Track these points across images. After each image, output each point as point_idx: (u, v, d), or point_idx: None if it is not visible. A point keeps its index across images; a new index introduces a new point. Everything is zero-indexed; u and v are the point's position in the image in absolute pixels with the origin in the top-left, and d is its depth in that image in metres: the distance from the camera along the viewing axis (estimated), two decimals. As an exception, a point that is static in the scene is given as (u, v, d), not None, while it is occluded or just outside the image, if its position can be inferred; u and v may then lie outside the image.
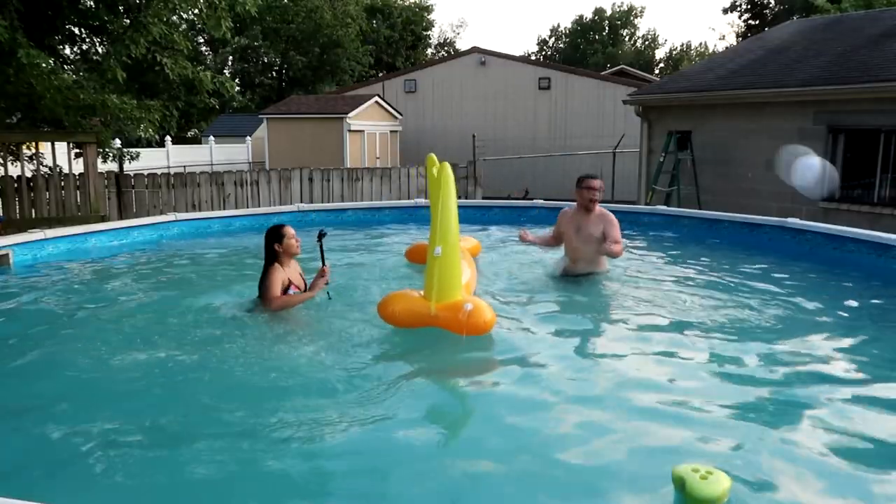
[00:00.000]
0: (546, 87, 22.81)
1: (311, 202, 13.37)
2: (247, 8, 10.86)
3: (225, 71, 38.79)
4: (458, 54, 28.85)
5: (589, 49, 57.43)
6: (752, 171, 12.06)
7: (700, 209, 11.29)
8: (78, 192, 10.46)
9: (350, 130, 21.30)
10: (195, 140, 33.99)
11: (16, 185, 10.02)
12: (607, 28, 59.34)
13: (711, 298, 5.39)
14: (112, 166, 14.73)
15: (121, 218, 11.57)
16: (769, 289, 5.64)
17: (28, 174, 10.25)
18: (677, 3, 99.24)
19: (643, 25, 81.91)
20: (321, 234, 4.78)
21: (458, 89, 23.86)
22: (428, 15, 46.23)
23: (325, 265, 4.83)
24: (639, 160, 14.53)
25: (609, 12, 59.08)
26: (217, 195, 13.16)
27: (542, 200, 10.22)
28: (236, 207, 12.89)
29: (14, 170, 10.31)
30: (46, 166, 10.52)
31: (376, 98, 22.62)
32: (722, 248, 7.59)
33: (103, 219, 10.08)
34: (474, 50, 24.30)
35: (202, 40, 35.42)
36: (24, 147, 10.91)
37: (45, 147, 10.87)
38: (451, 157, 17.47)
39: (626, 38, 60.28)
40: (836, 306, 5.11)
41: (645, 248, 7.84)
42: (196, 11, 11.28)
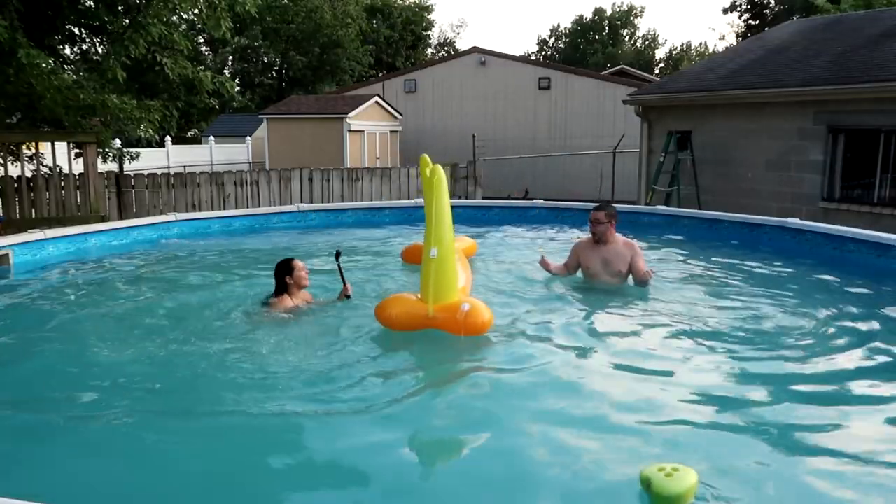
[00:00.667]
0: (546, 87, 22.81)
1: (311, 202, 13.37)
2: (247, 8, 10.86)
3: (225, 71, 38.79)
4: (458, 54, 28.85)
5: (589, 49, 57.40)
6: (752, 171, 12.06)
7: (700, 209, 11.29)
8: (78, 192, 10.46)
9: (350, 130, 21.29)
10: (195, 140, 33.98)
11: (16, 185, 10.02)
12: (607, 28, 59.31)
13: (710, 298, 5.40)
14: (112, 166, 14.73)
15: (121, 218, 11.57)
16: (768, 289, 5.65)
17: (28, 174, 10.25)
18: (677, 3, 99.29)
19: (643, 25, 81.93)
20: (338, 254, 4.92)
21: (458, 89, 23.86)
22: (428, 15, 46.22)
23: (347, 284, 4.97)
24: (639, 160, 14.52)
25: (609, 12, 59.06)
26: (217, 195, 13.16)
27: (542, 200, 10.22)
28: (236, 207, 12.89)
29: (14, 170, 10.31)
30: (46, 166, 10.53)
31: (376, 98, 22.62)
32: (721, 248, 7.59)
33: (103, 219, 10.08)
34: (474, 50, 24.29)
35: (202, 40, 35.40)
36: (24, 147, 10.91)
37: (45, 147, 10.87)
38: (451, 157, 17.65)
39: (626, 38, 60.25)
40: (835, 306, 5.11)
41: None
42: (196, 11, 11.28)
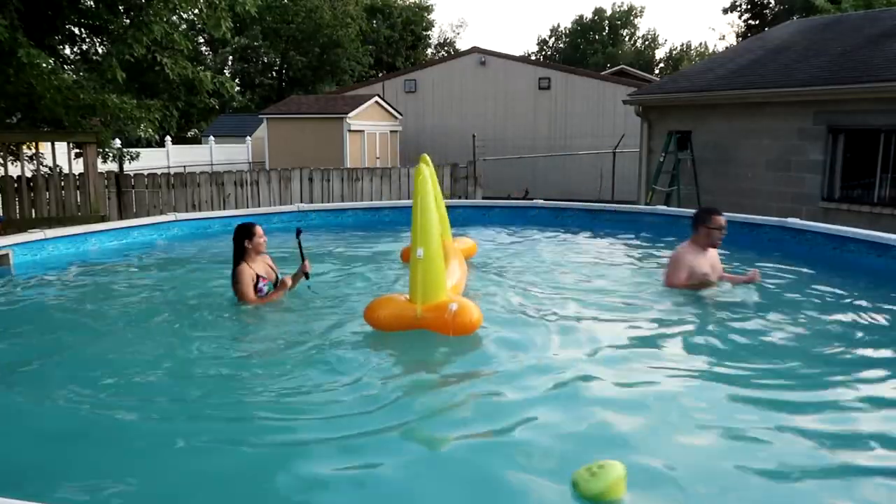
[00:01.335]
0: (546, 87, 22.81)
1: (311, 202, 13.37)
2: (247, 8, 10.86)
3: (225, 71, 38.79)
4: (458, 54, 28.84)
5: (589, 49, 57.41)
6: (752, 171, 12.06)
7: (700, 209, 11.27)
8: (78, 192, 10.46)
9: (350, 130, 21.29)
10: (195, 140, 33.98)
11: (16, 185, 10.02)
12: (607, 28, 59.32)
13: (708, 297, 5.39)
14: (112, 166, 14.74)
15: (121, 218, 11.57)
16: (768, 288, 5.64)
17: (28, 174, 10.25)
18: (677, 3, 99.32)
19: (643, 25, 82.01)
20: (298, 232, 5.16)
21: (458, 89, 23.86)
22: (428, 15, 46.23)
23: (305, 259, 5.15)
24: (639, 160, 14.52)
25: (609, 12, 59.08)
26: (217, 195, 13.16)
27: (542, 200, 10.22)
28: (236, 207, 12.89)
29: (14, 170, 10.31)
30: (46, 166, 10.52)
31: (376, 98, 22.62)
32: (721, 247, 7.58)
33: (103, 219, 10.08)
34: (474, 50, 24.30)
35: (202, 40, 35.40)
36: (24, 147, 10.90)
37: (45, 147, 10.87)
38: (451, 157, 17.67)
39: (626, 38, 60.26)
40: (835, 307, 5.11)
41: (644, 248, 7.85)
42: (196, 11, 11.28)
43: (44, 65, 9.08)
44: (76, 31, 11.70)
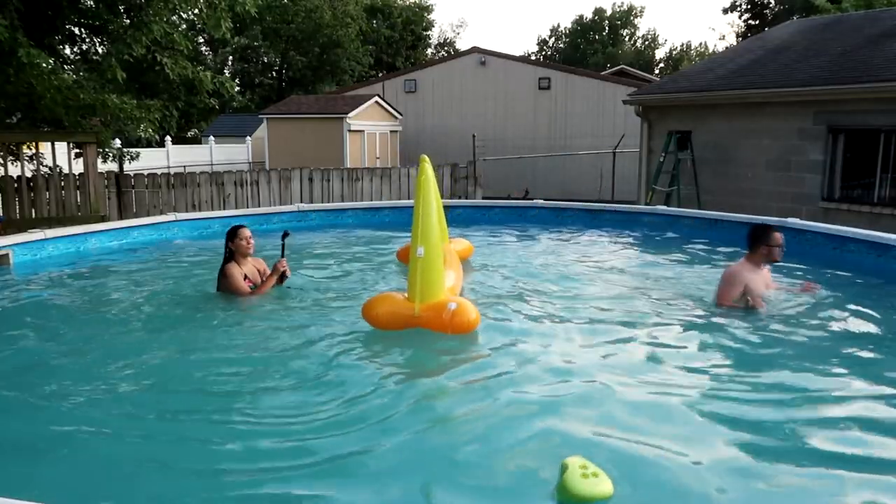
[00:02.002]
0: (546, 87, 22.81)
1: (311, 202, 13.37)
2: (247, 8, 10.86)
3: (225, 71, 38.80)
4: (458, 54, 28.84)
5: (589, 49, 57.42)
6: (752, 171, 12.06)
7: (700, 209, 11.29)
8: (78, 192, 10.46)
9: (350, 130, 21.30)
10: (195, 140, 33.98)
11: (16, 185, 10.02)
12: (607, 28, 59.33)
13: (704, 295, 5.39)
14: (112, 166, 14.73)
15: (121, 218, 11.57)
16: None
17: (28, 174, 10.25)
18: (677, 3, 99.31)
19: (643, 25, 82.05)
20: (285, 234, 5.33)
21: (458, 89, 23.87)
22: (428, 15, 46.22)
23: (283, 258, 5.29)
24: (639, 160, 14.53)
25: (609, 12, 59.09)
26: (217, 195, 13.16)
27: (542, 200, 10.22)
28: (236, 207, 12.89)
29: (14, 170, 10.31)
30: (46, 166, 10.52)
31: (376, 98, 22.62)
32: (721, 248, 7.58)
33: (103, 219, 10.08)
34: (474, 50, 24.30)
35: (202, 40, 35.41)
36: (24, 147, 10.90)
37: (45, 147, 10.87)
38: (451, 157, 17.66)
39: (626, 38, 60.27)
40: (835, 307, 5.11)
41: (644, 248, 7.85)
42: (196, 11, 11.28)
43: (44, 65, 9.08)
44: (76, 31, 11.69)
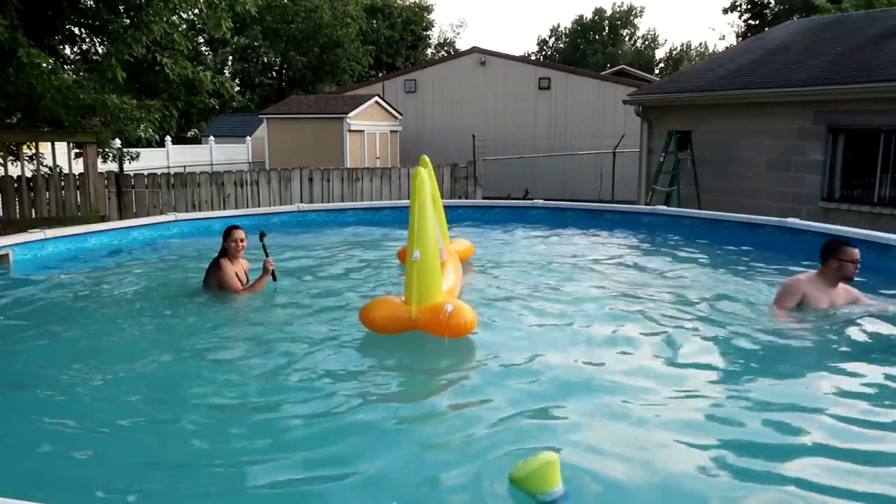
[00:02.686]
0: (546, 87, 22.80)
1: (311, 202, 13.37)
2: (247, 8, 10.87)
3: (225, 71, 38.78)
4: (458, 54, 28.83)
5: (589, 49, 57.40)
6: (752, 171, 12.06)
7: (700, 209, 11.29)
8: (78, 192, 10.45)
9: (350, 130, 21.29)
10: (195, 140, 33.98)
11: (16, 185, 10.02)
12: (607, 28, 59.31)
13: (704, 296, 5.39)
14: (112, 166, 14.72)
15: (121, 218, 11.57)
16: (766, 288, 5.64)
17: (28, 174, 10.25)
18: (677, 3, 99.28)
19: (643, 25, 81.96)
20: (262, 235, 5.42)
21: (458, 89, 23.86)
22: (428, 15, 46.21)
23: (268, 257, 5.37)
24: (639, 160, 14.52)
25: (609, 12, 59.07)
26: (217, 195, 13.15)
27: (542, 200, 10.22)
28: (236, 207, 12.89)
29: (14, 170, 10.31)
30: (46, 166, 10.52)
31: (376, 98, 22.61)
32: (721, 248, 7.59)
33: (103, 219, 10.08)
34: (474, 50, 24.29)
35: (202, 40, 35.39)
36: (24, 147, 10.90)
37: (45, 147, 10.87)
38: (451, 157, 17.66)
39: (626, 38, 60.26)
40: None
41: (644, 249, 7.85)
42: (196, 11, 11.28)
43: (44, 65, 9.08)
44: (76, 31, 11.69)
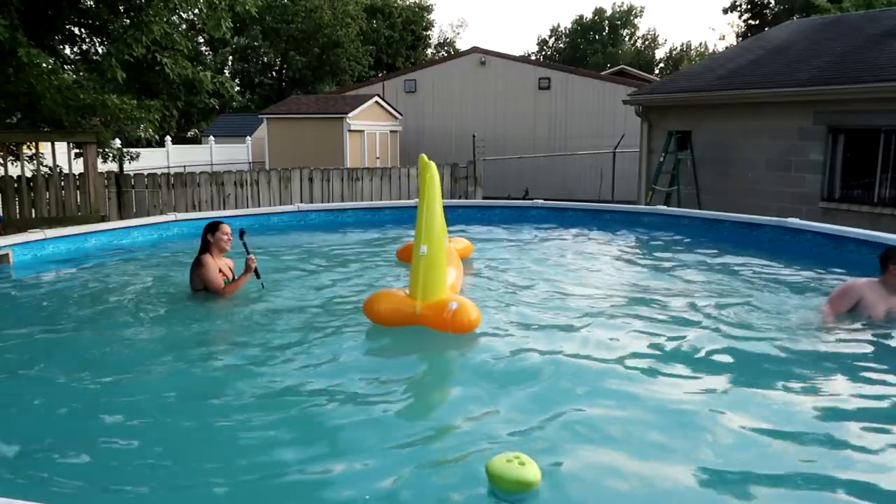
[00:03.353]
0: (546, 87, 22.80)
1: (311, 202, 13.37)
2: (247, 8, 10.86)
3: (225, 71, 38.75)
4: (458, 54, 28.83)
5: (589, 49, 57.41)
6: (752, 171, 12.06)
7: (700, 209, 11.29)
8: (78, 192, 10.45)
9: (350, 130, 21.29)
10: (195, 140, 33.97)
11: (16, 185, 10.02)
12: (607, 28, 59.30)
13: (706, 297, 5.39)
14: (112, 166, 14.71)
15: (121, 218, 11.57)
16: (766, 288, 5.64)
17: (28, 174, 10.25)
18: (677, 3, 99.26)
19: (643, 25, 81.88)
20: (242, 233, 5.36)
21: (458, 89, 23.85)
22: (428, 15, 46.18)
23: (250, 254, 5.28)
24: (639, 160, 14.52)
25: (609, 12, 59.07)
26: (217, 195, 13.15)
27: (542, 200, 10.22)
28: (236, 207, 12.89)
29: (14, 170, 10.31)
30: (46, 166, 10.51)
31: (376, 98, 22.61)
32: (721, 247, 7.59)
33: (103, 219, 10.08)
34: (474, 50, 24.28)
35: (202, 40, 35.37)
36: (24, 147, 10.90)
37: (45, 147, 10.86)
38: (451, 157, 17.66)
39: (626, 38, 60.25)
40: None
41: (644, 248, 7.84)
42: (196, 11, 11.27)
43: (44, 65, 9.07)
44: (76, 31, 11.68)
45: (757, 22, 42.41)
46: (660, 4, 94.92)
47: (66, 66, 11.63)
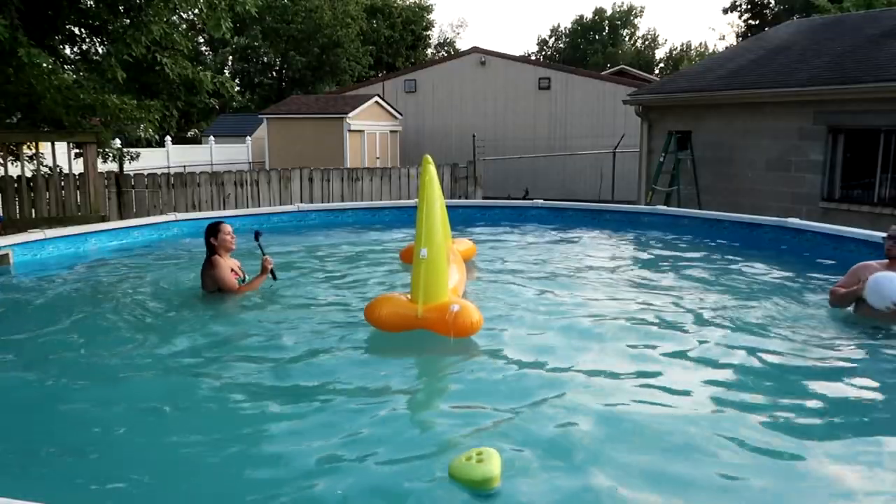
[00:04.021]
0: (546, 87, 22.79)
1: (311, 202, 13.37)
2: (247, 8, 10.86)
3: (225, 71, 38.73)
4: (458, 54, 28.82)
5: (589, 49, 57.40)
6: (752, 171, 12.06)
7: (700, 209, 11.29)
8: (78, 192, 10.45)
9: (350, 130, 21.29)
10: (195, 140, 33.96)
11: (16, 185, 10.02)
12: (607, 28, 59.29)
13: (703, 295, 5.39)
14: (112, 166, 14.71)
15: (121, 218, 11.56)
16: (766, 288, 5.65)
17: (28, 174, 10.25)
18: (677, 3, 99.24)
19: (643, 25, 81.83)
20: (257, 235, 5.43)
21: (458, 89, 23.85)
22: (428, 15, 46.17)
23: (265, 255, 5.35)
24: (639, 160, 14.52)
25: (609, 12, 59.05)
26: (217, 195, 13.15)
27: (542, 200, 10.23)
28: (236, 207, 12.89)
29: (14, 170, 10.31)
30: (46, 166, 10.51)
31: (376, 98, 22.61)
32: (721, 248, 7.59)
33: (103, 219, 10.07)
34: (474, 50, 24.28)
35: (202, 40, 35.36)
36: (24, 147, 10.90)
37: (45, 147, 10.86)
38: (451, 157, 17.66)
39: (626, 38, 60.24)
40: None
41: (644, 248, 7.84)
42: (196, 11, 11.27)
43: (44, 65, 9.07)
44: (76, 31, 11.68)
45: (757, 22, 42.40)
46: (660, 4, 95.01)
47: (66, 66, 11.62)
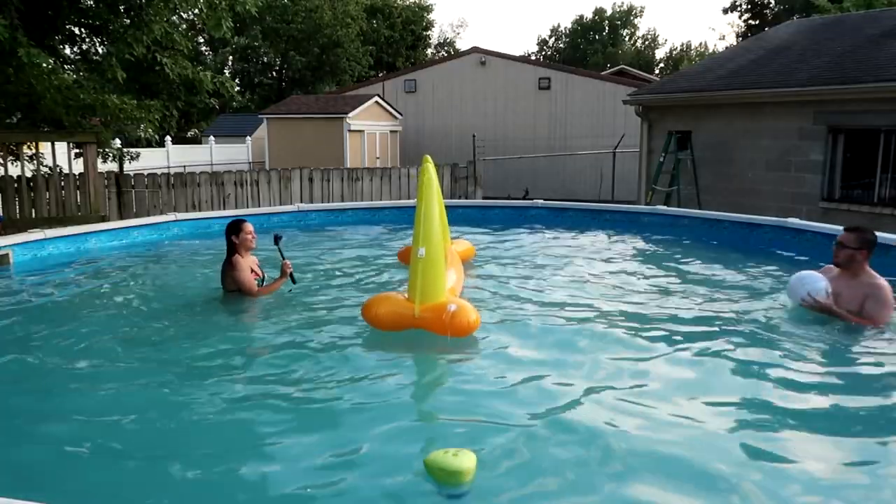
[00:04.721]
0: (546, 87, 22.80)
1: (311, 202, 13.38)
2: (247, 8, 10.86)
3: (225, 71, 38.74)
4: (458, 54, 28.82)
5: (589, 49, 57.41)
6: (752, 171, 12.06)
7: (700, 209, 11.28)
8: (78, 192, 10.45)
9: (350, 130, 21.29)
10: (195, 140, 33.97)
11: (16, 185, 10.02)
12: (607, 28, 59.31)
13: (703, 295, 5.38)
14: (112, 166, 14.72)
15: (121, 218, 11.57)
16: (766, 288, 5.64)
17: (28, 174, 10.25)
18: (677, 3, 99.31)
19: (643, 25, 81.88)
20: (277, 238, 5.33)
21: (458, 89, 23.85)
22: (428, 15, 46.18)
23: (285, 259, 5.28)
24: (639, 160, 14.52)
25: (609, 12, 59.08)
26: (217, 195, 13.15)
27: (542, 200, 10.22)
28: (236, 207, 12.89)
29: (14, 170, 10.31)
30: (46, 166, 10.52)
31: (376, 98, 22.61)
32: (721, 248, 7.58)
33: (103, 219, 10.08)
34: (474, 50, 24.29)
35: (202, 40, 35.36)
36: (24, 147, 10.90)
37: (45, 147, 10.86)
38: (451, 157, 17.67)
39: (626, 38, 60.26)
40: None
41: (644, 249, 7.84)
42: (196, 11, 11.28)
43: (44, 65, 9.07)
44: (76, 31, 11.68)
45: (757, 22, 42.42)
46: (660, 4, 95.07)
47: (66, 66, 11.63)
